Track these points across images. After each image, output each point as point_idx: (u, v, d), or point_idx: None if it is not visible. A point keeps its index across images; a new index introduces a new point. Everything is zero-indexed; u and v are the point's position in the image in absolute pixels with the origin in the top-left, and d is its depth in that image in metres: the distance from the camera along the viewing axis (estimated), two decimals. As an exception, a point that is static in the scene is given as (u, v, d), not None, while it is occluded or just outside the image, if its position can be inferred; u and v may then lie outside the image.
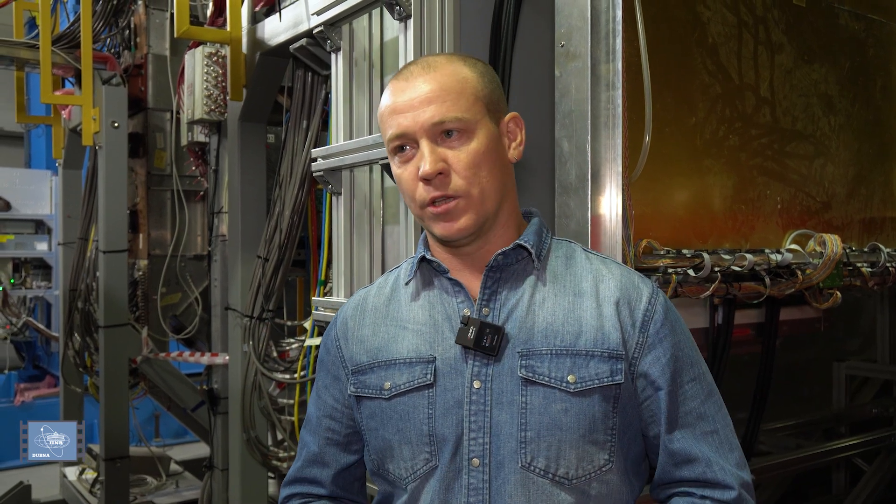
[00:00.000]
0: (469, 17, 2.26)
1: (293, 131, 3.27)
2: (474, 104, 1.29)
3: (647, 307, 1.32)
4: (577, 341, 1.28)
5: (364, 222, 2.54)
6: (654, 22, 2.14)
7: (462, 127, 1.27)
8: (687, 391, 1.32)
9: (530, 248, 1.33)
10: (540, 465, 1.26)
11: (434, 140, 1.27)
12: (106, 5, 4.47)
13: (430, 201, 1.27)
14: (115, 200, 4.42)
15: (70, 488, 5.29)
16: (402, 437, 1.32)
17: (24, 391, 8.49)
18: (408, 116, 1.27)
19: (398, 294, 1.42)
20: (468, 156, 1.27)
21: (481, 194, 1.28)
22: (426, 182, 1.27)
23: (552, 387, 1.26)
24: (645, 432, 1.34)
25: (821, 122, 2.64)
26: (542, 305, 1.31)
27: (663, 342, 1.31)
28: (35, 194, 9.31)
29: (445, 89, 1.28)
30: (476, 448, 1.27)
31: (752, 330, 2.73)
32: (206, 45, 3.63)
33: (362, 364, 1.38)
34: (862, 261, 2.60)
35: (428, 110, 1.26)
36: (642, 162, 1.99)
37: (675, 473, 1.33)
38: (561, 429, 1.26)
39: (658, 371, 1.30)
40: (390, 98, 1.31)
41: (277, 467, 3.55)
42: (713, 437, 1.32)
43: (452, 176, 1.27)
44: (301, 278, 3.92)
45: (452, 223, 1.28)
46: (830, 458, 3.40)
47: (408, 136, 1.28)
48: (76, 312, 5.23)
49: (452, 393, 1.29)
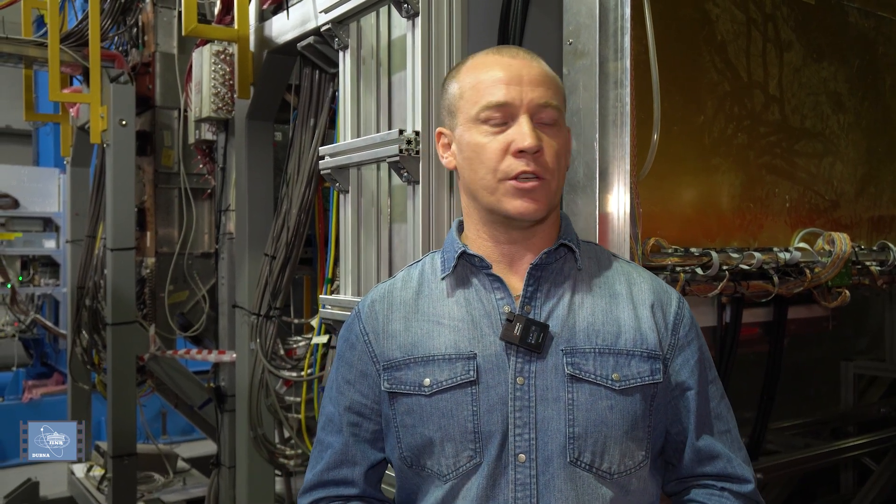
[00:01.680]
0: (477, 15, 2.25)
1: (300, 129, 3.28)
2: (563, 103, 1.36)
3: (677, 310, 1.39)
4: (618, 341, 1.32)
5: (371, 220, 2.54)
6: (663, 19, 2.13)
7: (558, 117, 1.33)
8: (710, 392, 1.39)
9: (574, 247, 1.37)
10: (586, 460, 1.28)
11: (532, 120, 1.29)
12: (114, 3, 4.49)
13: (516, 175, 1.28)
14: (122, 198, 4.43)
15: (78, 485, 5.31)
16: (444, 434, 1.30)
17: (32, 388, 8.52)
18: (515, 89, 1.29)
19: (427, 289, 1.41)
20: (558, 143, 1.32)
21: (557, 186, 1.33)
22: (518, 156, 1.28)
23: (598, 384, 1.29)
24: (669, 428, 1.38)
25: (830, 121, 2.63)
26: (582, 305, 1.34)
27: (692, 344, 1.38)
28: (43, 192, 9.36)
29: (550, 78, 1.34)
30: (522, 444, 1.28)
31: (760, 329, 2.72)
32: (214, 44, 3.64)
33: (396, 360, 1.36)
34: (871, 259, 2.59)
35: (538, 90, 1.30)
36: (650, 160, 1.99)
37: (698, 469, 1.38)
38: (607, 425, 1.29)
39: (688, 372, 1.36)
40: (492, 68, 1.32)
41: (284, 465, 3.56)
42: (727, 435, 1.40)
43: (544, 158, 1.29)
44: (308, 276, 3.92)
45: (532, 202, 1.29)
46: (838, 458, 3.39)
47: (510, 107, 1.29)
48: (84, 310, 5.25)
49: (496, 389, 1.29)
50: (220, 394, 4.09)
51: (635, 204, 1.92)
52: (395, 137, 2.23)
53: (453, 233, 1.42)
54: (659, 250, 2.06)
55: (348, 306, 2.58)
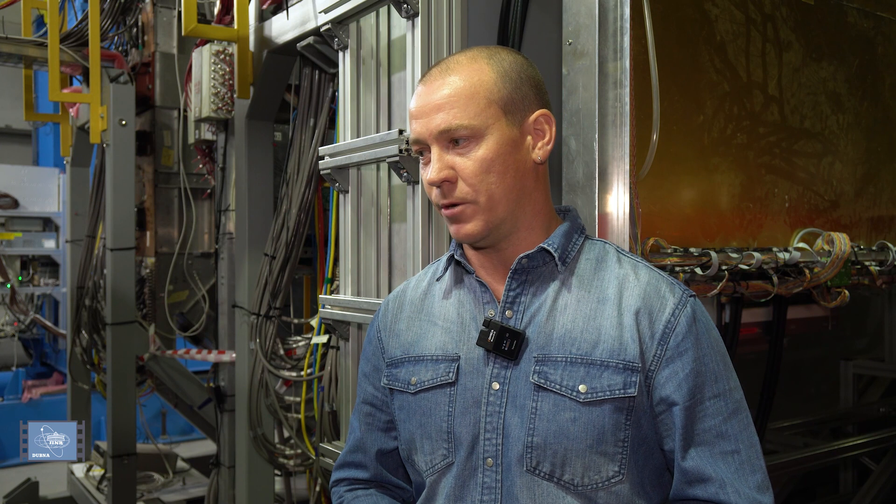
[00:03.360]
0: (476, 15, 2.26)
1: (300, 129, 3.28)
2: (486, 108, 1.27)
3: (669, 318, 1.27)
4: (594, 350, 1.26)
5: (371, 220, 2.54)
6: (662, 19, 2.13)
7: (469, 134, 1.26)
8: (707, 408, 1.26)
9: (553, 251, 1.31)
10: (545, 470, 1.26)
11: (444, 146, 1.27)
12: (114, 3, 4.49)
13: (441, 205, 1.30)
14: (122, 198, 4.44)
15: (77, 485, 5.31)
16: (423, 432, 1.35)
17: (32, 388, 8.52)
18: (421, 122, 1.29)
19: (433, 289, 1.45)
20: (475, 163, 1.26)
21: (489, 200, 1.27)
22: (437, 187, 1.29)
23: (562, 395, 1.25)
24: (661, 446, 1.30)
25: (829, 121, 2.63)
26: (564, 311, 1.30)
27: (683, 356, 1.26)
28: (43, 192, 9.37)
29: (456, 95, 1.27)
30: (490, 448, 1.28)
31: (759, 328, 2.73)
32: (214, 43, 3.64)
33: (396, 357, 1.43)
34: (870, 259, 2.59)
35: (437, 118, 1.27)
36: (650, 160, 1.99)
37: (688, 492, 1.28)
38: (568, 437, 1.24)
39: (674, 386, 1.26)
40: (413, 102, 1.33)
41: (284, 465, 3.56)
42: (733, 457, 1.26)
43: (459, 183, 1.27)
44: (308, 276, 3.93)
45: (460, 227, 1.29)
46: (838, 458, 3.39)
47: (421, 142, 1.30)
48: (84, 310, 5.25)
49: (472, 392, 1.31)
50: (219, 394, 4.09)
51: (635, 204, 1.92)
52: (395, 137, 2.23)
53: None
54: (658, 250, 2.06)
55: (348, 306, 2.59)
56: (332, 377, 2.94)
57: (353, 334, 2.63)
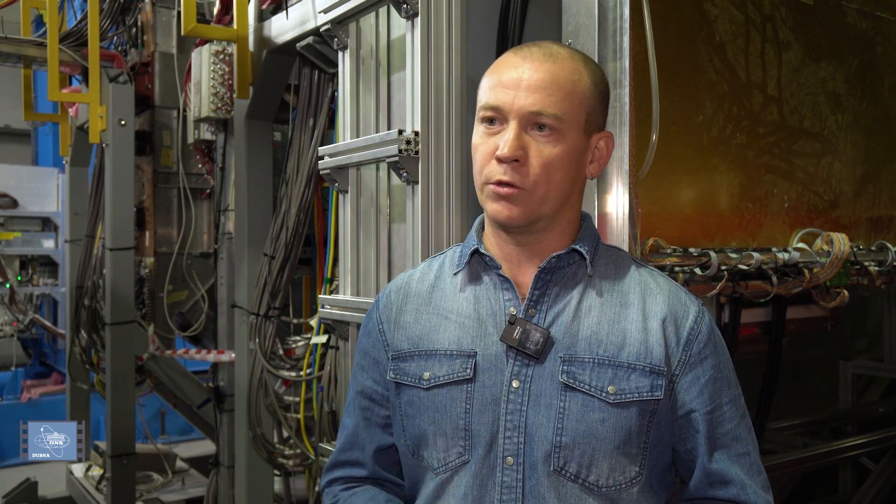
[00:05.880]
0: (476, 15, 2.26)
1: (300, 129, 3.28)
2: (576, 109, 1.28)
3: (692, 325, 1.32)
4: (620, 353, 1.28)
5: (371, 220, 2.54)
6: (662, 20, 2.13)
7: (556, 126, 1.26)
8: (725, 412, 1.32)
9: (585, 253, 1.33)
10: (571, 471, 1.26)
11: (524, 127, 1.26)
12: (113, 3, 4.49)
13: (496, 181, 1.27)
14: (121, 198, 4.43)
15: (76, 485, 5.31)
16: (437, 429, 1.32)
17: (31, 388, 8.51)
18: (509, 94, 1.26)
19: (442, 282, 1.42)
20: (548, 156, 1.26)
21: (544, 195, 1.28)
22: (499, 162, 1.26)
23: (592, 395, 1.26)
24: (676, 447, 1.34)
25: (828, 121, 2.63)
26: (589, 313, 1.31)
27: (704, 362, 1.32)
28: (42, 192, 9.37)
29: (557, 84, 1.27)
30: (510, 447, 1.27)
31: (758, 328, 2.73)
32: (213, 43, 3.64)
33: (403, 351, 1.39)
34: (869, 259, 2.60)
35: (531, 97, 1.25)
36: (649, 160, 1.99)
37: (709, 492, 1.33)
38: (596, 438, 1.26)
39: (697, 391, 1.30)
40: (500, 69, 1.30)
41: (283, 465, 3.56)
42: (746, 458, 1.33)
43: (527, 167, 1.26)
44: (307, 276, 3.92)
45: (507, 207, 1.28)
46: (837, 458, 3.39)
47: (501, 112, 1.27)
48: (83, 309, 5.25)
49: (490, 390, 1.30)
50: (218, 393, 4.09)
51: (634, 204, 1.92)
52: (395, 137, 2.23)
53: (474, 229, 1.42)
54: (658, 250, 2.06)
55: (347, 306, 2.58)
56: (332, 377, 2.94)
57: (353, 334, 2.63)
